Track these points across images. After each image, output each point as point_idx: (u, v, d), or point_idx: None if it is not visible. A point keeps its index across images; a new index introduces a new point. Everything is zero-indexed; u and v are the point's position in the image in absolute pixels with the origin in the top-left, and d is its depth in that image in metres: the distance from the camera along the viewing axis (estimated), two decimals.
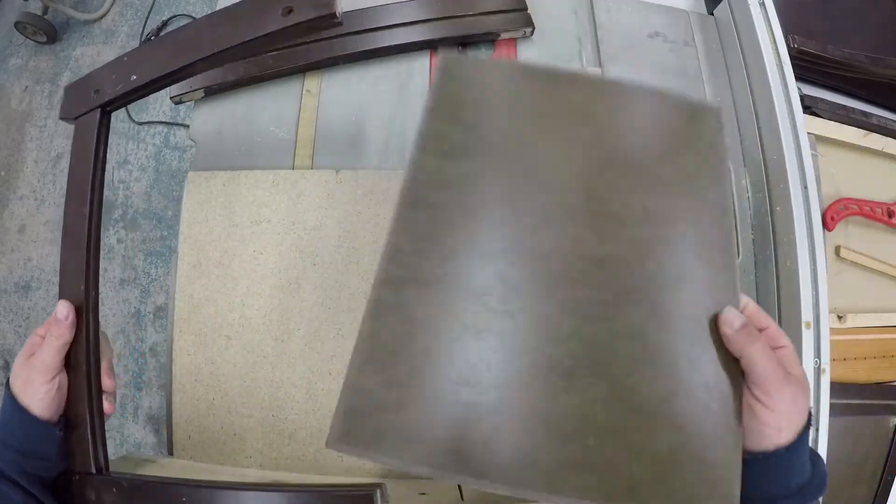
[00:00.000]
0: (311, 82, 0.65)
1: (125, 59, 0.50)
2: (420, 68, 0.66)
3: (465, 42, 0.67)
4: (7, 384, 0.43)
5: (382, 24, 0.65)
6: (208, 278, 0.58)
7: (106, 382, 0.46)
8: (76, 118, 0.50)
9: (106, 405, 0.46)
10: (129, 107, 1.69)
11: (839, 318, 0.71)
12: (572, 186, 0.35)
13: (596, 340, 0.31)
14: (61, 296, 0.46)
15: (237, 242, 0.58)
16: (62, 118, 0.52)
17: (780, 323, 0.60)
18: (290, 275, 0.57)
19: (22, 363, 0.43)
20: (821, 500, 0.34)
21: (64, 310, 0.44)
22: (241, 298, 0.57)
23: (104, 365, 0.46)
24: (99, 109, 0.49)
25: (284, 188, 0.59)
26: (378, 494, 0.40)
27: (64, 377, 0.44)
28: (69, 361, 0.44)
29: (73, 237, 0.48)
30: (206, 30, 0.48)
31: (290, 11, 0.45)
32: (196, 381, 0.56)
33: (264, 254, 0.58)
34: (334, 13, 0.44)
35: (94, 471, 0.43)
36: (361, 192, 0.59)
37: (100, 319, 0.47)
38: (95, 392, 0.44)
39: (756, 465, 0.32)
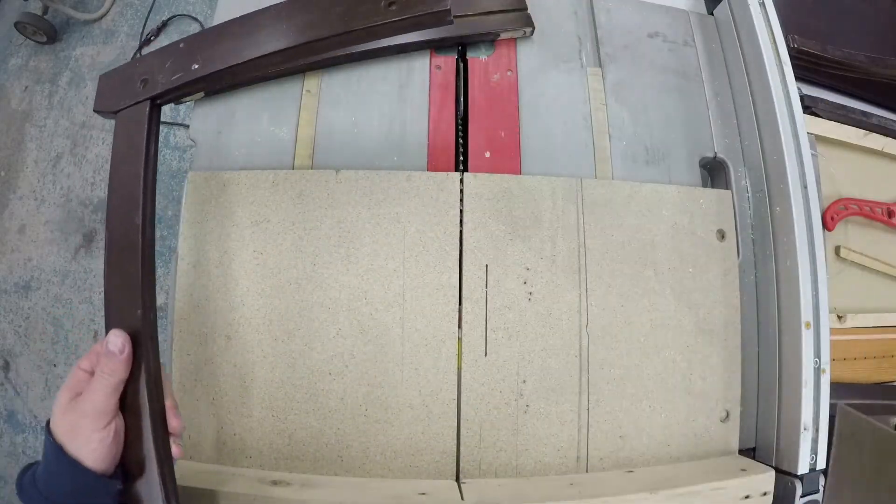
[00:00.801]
0: (311, 82, 0.65)
1: (182, 45, 0.43)
2: (420, 68, 0.66)
3: (464, 42, 0.67)
4: (47, 429, 0.35)
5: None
6: (208, 278, 0.58)
7: (172, 424, 0.39)
8: (117, 112, 0.43)
9: (174, 449, 0.39)
10: None
11: (839, 318, 0.71)
12: None
13: None
14: (111, 324, 0.39)
15: (237, 242, 0.58)
16: (98, 111, 0.44)
17: (779, 323, 0.60)
18: (290, 275, 0.57)
19: (66, 405, 0.35)
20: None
21: (118, 341, 0.37)
22: (241, 298, 0.57)
23: (168, 403, 0.39)
24: (148, 101, 0.43)
25: (284, 188, 0.59)
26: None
27: (120, 421, 0.37)
28: (125, 402, 0.37)
29: (124, 252, 0.40)
30: (286, 16, 0.41)
31: (392, 4, 0.39)
32: (196, 381, 0.56)
33: (264, 254, 0.58)
34: (449, 9, 0.38)
35: None
36: (361, 192, 0.59)
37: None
38: (162, 437, 0.37)
39: None
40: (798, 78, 0.65)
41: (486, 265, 0.58)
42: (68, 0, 1.79)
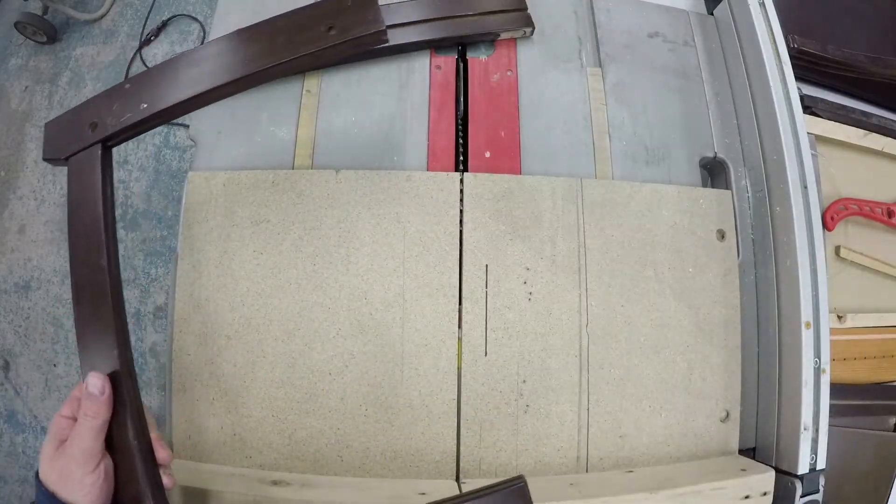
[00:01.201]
0: (311, 82, 0.65)
1: (128, 85, 0.44)
2: (420, 68, 0.66)
3: (464, 42, 0.67)
4: (37, 479, 0.36)
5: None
6: (208, 278, 0.58)
7: (161, 455, 0.40)
8: (68, 158, 0.44)
9: (165, 479, 0.40)
10: None
11: (839, 318, 0.71)
12: None
13: None
14: (88, 367, 0.39)
15: (237, 242, 0.58)
16: (47, 159, 0.44)
17: (779, 323, 0.60)
18: (290, 275, 0.57)
19: (53, 453, 0.36)
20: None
21: (98, 383, 0.37)
22: (241, 298, 0.57)
23: (153, 436, 0.40)
24: (100, 144, 0.43)
25: (284, 188, 0.59)
26: (526, 484, 0.39)
27: (108, 461, 0.37)
28: (111, 441, 0.38)
29: (93, 295, 0.40)
30: (230, 50, 0.43)
31: (331, 29, 0.40)
32: (196, 381, 0.56)
33: (264, 254, 0.58)
34: (384, 30, 0.40)
35: None
36: (361, 192, 0.59)
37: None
38: (152, 470, 0.38)
39: None
40: (798, 78, 0.65)
41: (486, 265, 0.58)
42: (68, 0, 1.79)
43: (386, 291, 0.57)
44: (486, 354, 0.57)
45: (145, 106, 0.42)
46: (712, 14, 0.75)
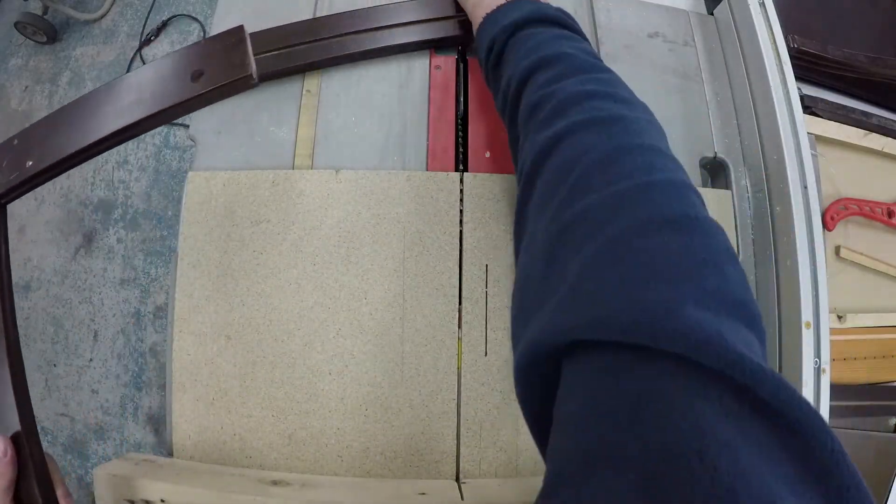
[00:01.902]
0: (311, 82, 0.65)
1: (15, 141, 0.43)
2: (420, 68, 0.66)
3: (464, 42, 0.67)
4: None
5: (382, 24, 0.65)
6: (208, 278, 0.58)
7: None
8: None
9: None
10: None
11: (839, 318, 0.71)
12: None
13: None
14: None
15: (237, 242, 0.58)
16: None
17: (779, 323, 0.60)
18: (290, 275, 0.58)
19: None
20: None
21: (0, 445, 0.38)
22: (241, 298, 0.57)
23: (60, 492, 0.41)
24: None
25: (284, 188, 0.59)
26: None
27: None
28: (20, 500, 0.38)
29: None
30: (108, 102, 0.43)
31: (201, 75, 0.42)
32: (196, 381, 0.56)
33: (264, 254, 0.58)
34: (251, 74, 0.41)
35: None
36: (361, 192, 0.59)
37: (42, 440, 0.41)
38: None
39: (483, 26, 0.51)
40: (798, 78, 0.65)
41: (487, 265, 0.58)
42: (68, 0, 1.79)
43: (386, 291, 0.57)
44: (486, 354, 0.57)
45: (31, 164, 0.42)
46: (712, 14, 0.75)
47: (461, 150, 0.64)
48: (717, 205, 0.64)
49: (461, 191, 0.60)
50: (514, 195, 0.59)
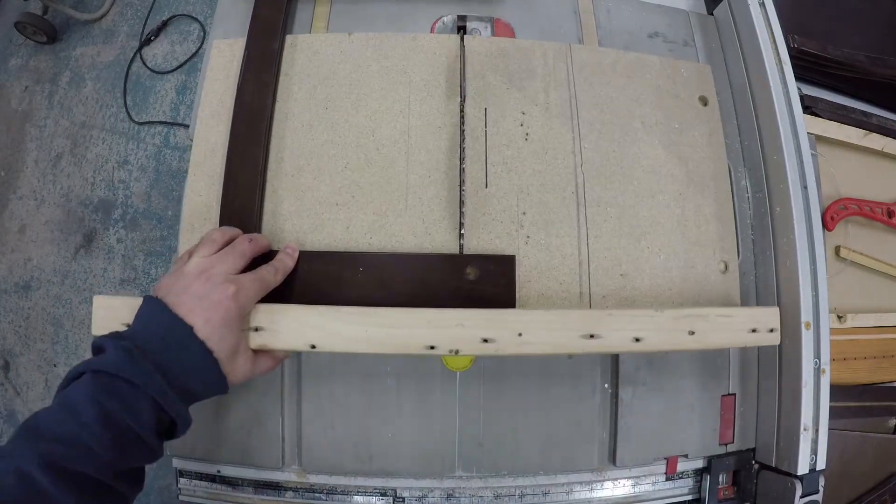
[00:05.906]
0: None
1: None
2: None
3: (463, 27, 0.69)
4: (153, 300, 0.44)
5: None
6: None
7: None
8: None
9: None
10: (129, 106, 1.69)
11: (839, 318, 0.71)
12: None
13: None
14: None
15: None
16: None
17: (780, 323, 0.60)
18: (304, 118, 0.61)
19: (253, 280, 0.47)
20: None
21: (294, 245, 0.53)
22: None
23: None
24: None
25: (302, 48, 0.62)
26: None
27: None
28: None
29: None
30: None
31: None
32: None
33: (279, 101, 0.61)
34: None
35: None
36: (372, 49, 0.64)
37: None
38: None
39: None
40: (798, 78, 0.65)
41: (486, 108, 0.62)
42: (68, 0, 1.79)
43: (392, 129, 0.61)
44: (486, 186, 0.59)
45: None
46: (712, 14, 0.74)
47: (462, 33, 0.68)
48: (698, 75, 0.67)
49: (462, 47, 0.64)
50: (510, 54, 0.65)
